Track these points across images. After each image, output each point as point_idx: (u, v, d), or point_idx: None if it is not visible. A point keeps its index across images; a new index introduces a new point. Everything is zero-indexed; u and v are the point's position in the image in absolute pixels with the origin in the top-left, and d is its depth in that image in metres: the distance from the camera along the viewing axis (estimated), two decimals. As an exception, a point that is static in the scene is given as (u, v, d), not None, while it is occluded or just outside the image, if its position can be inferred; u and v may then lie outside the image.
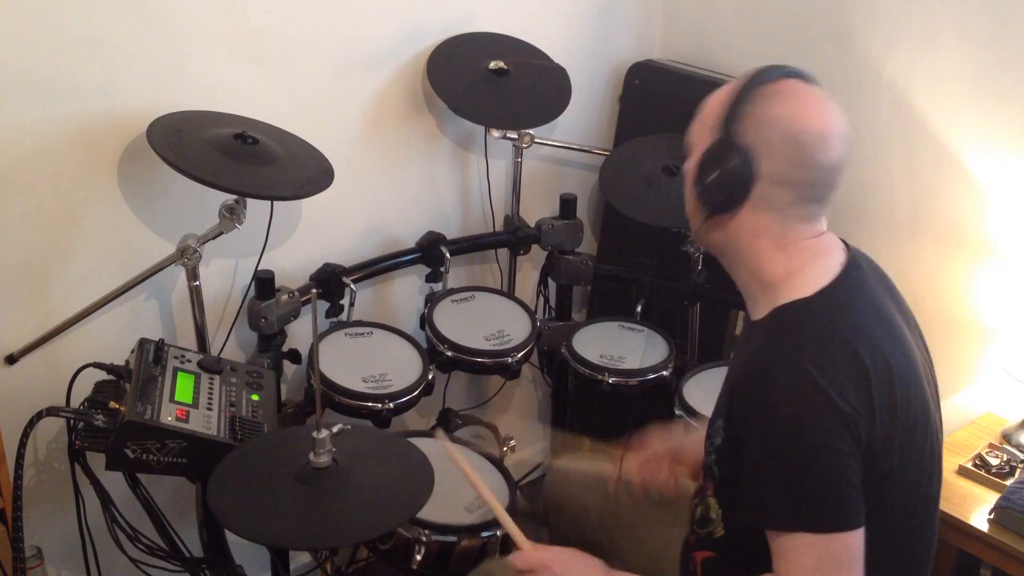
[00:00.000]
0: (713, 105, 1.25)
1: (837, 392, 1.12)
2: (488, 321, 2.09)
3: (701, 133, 1.26)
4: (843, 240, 1.30)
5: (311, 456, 1.38)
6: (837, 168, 1.22)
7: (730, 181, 1.20)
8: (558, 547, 1.35)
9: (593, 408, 2.43)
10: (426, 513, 1.48)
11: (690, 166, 1.27)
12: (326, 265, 2.04)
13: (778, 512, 1.15)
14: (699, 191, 1.23)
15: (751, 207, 1.21)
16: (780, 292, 1.22)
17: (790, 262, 1.22)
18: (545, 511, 1.78)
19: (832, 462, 1.13)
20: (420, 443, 1.59)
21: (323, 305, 2.03)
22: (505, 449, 2.32)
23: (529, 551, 1.35)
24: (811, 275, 1.21)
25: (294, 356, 1.99)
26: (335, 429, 1.40)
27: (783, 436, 1.13)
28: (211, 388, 1.63)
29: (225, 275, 1.97)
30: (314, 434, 1.37)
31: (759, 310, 1.25)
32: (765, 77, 1.21)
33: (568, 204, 2.30)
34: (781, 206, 1.21)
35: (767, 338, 1.20)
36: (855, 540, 1.15)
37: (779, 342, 1.18)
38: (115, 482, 1.62)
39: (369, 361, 1.92)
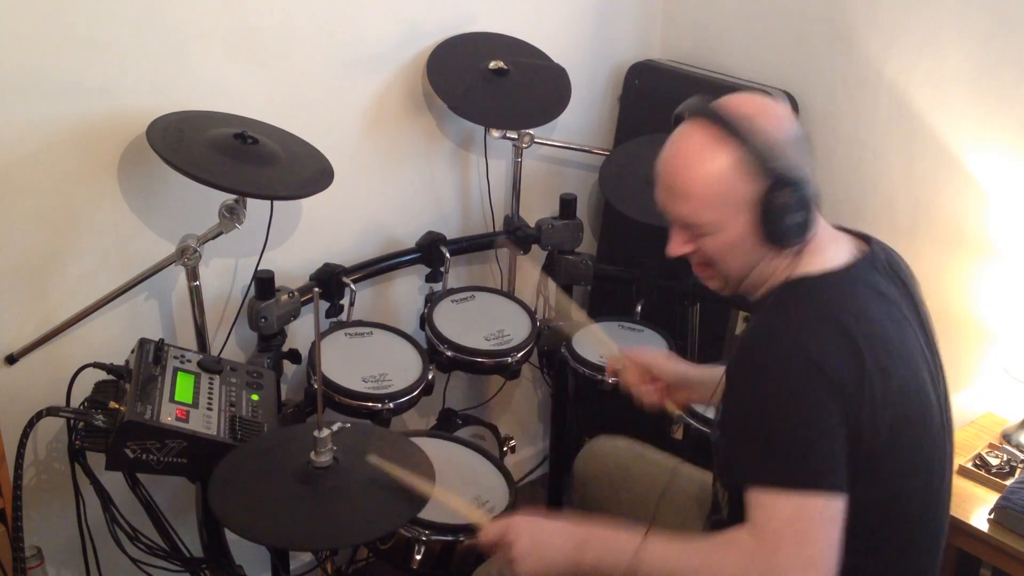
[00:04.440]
0: (715, 174, 1.20)
1: (826, 362, 1.15)
2: (488, 321, 2.09)
3: (719, 207, 1.22)
4: (865, 235, 1.33)
5: (312, 455, 1.38)
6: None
7: (809, 212, 1.22)
8: (517, 515, 1.32)
9: (593, 408, 2.43)
10: (426, 513, 1.48)
11: (721, 243, 1.25)
12: (326, 265, 2.04)
13: (759, 468, 1.17)
14: (780, 240, 1.22)
15: None
16: (788, 272, 1.27)
17: (802, 248, 1.26)
18: (575, 486, 1.79)
19: (814, 420, 1.15)
20: (421, 443, 1.59)
21: (323, 305, 2.03)
22: (505, 449, 2.33)
23: (491, 527, 1.32)
24: (820, 259, 1.26)
25: (294, 356, 1.99)
26: (335, 427, 1.41)
27: (772, 399, 1.17)
28: (211, 388, 1.63)
29: (225, 275, 1.97)
30: (315, 433, 1.37)
31: (765, 290, 1.30)
32: (733, 109, 1.22)
33: (568, 204, 2.30)
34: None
35: (768, 310, 1.25)
36: (834, 505, 1.15)
37: (777, 312, 1.23)
38: (115, 482, 1.62)
39: (369, 361, 1.92)
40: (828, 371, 1.15)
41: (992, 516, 1.76)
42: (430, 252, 2.17)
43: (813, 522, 1.14)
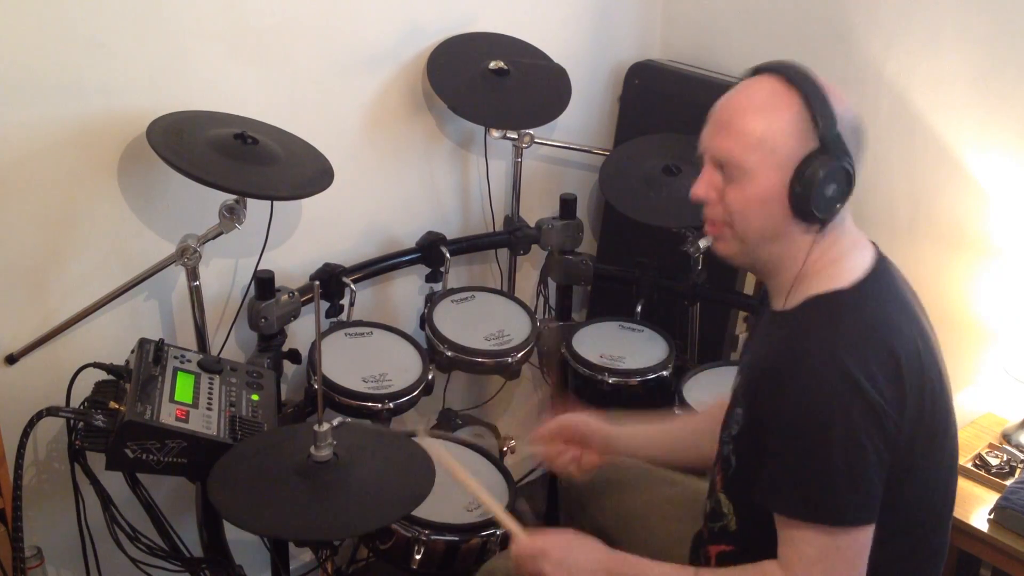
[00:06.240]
0: (769, 119, 1.17)
1: (871, 383, 1.12)
2: (488, 321, 2.09)
3: (761, 152, 1.18)
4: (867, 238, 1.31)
5: (312, 450, 1.39)
6: None
7: (844, 190, 1.18)
8: (555, 531, 1.33)
9: (593, 408, 2.42)
10: (426, 512, 1.48)
11: (749, 194, 1.20)
12: (326, 265, 2.04)
13: (792, 499, 1.16)
14: (807, 207, 1.17)
15: None
16: (816, 282, 1.22)
17: (828, 252, 1.23)
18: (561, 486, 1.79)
19: (855, 458, 1.13)
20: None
21: (323, 305, 2.03)
22: (505, 449, 2.32)
23: (525, 540, 1.32)
24: (847, 267, 1.22)
25: (294, 356, 1.99)
26: (335, 422, 1.41)
27: (810, 425, 1.13)
28: (211, 388, 1.63)
29: (225, 275, 1.97)
30: (315, 427, 1.38)
31: (789, 300, 1.24)
32: (810, 75, 1.18)
33: (568, 204, 2.30)
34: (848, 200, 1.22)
35: (801, 326, 1.20)
36: (863, 536, 1.15)
37: (815, 331, 1.18)
38: (115, 482, 1.62)
39: (369, 361, 1.92)
40: (873, 395, 1.11)
41: (992, 516, 1.76)
42: (430, 252, 2.17)
43: (843, 557, 1.15)
